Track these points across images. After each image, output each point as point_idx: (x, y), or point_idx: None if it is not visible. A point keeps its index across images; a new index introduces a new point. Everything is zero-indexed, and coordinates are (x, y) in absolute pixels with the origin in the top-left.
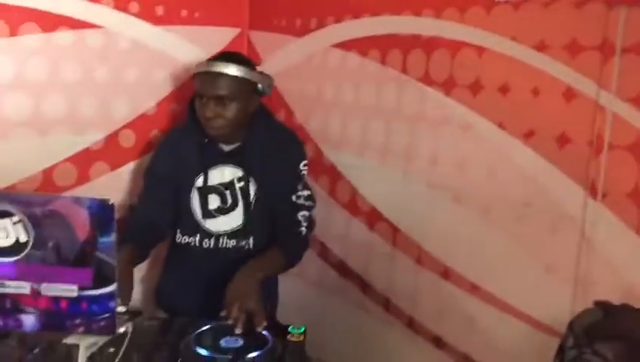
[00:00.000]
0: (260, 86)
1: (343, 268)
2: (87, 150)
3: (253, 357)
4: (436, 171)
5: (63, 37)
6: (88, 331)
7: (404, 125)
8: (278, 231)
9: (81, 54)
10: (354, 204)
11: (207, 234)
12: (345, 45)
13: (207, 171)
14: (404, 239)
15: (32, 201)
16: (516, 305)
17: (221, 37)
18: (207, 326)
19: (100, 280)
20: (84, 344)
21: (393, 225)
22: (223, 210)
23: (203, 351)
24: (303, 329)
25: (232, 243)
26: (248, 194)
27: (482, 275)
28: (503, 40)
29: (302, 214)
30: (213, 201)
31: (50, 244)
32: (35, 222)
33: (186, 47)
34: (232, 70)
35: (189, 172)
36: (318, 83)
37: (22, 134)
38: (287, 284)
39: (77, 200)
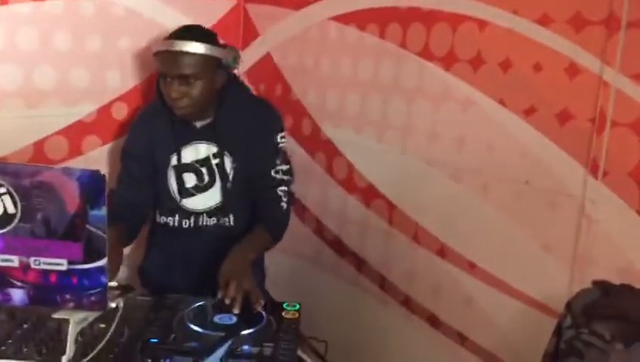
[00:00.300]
0: (224, 61)
1: (338, 245)
2: (79, 122)
3: (247, 334)
4: (434, 148)
5: (55, 5)
6: (79, 306)
7: (403, 101)
8: (259, 208)
9: (73, 23)
10: (350, 181)
11: (186, 213)
12: (343, 18)
13: (180, 149)
14: (401, 216)
15: (20, 172)
16: (513, 283)
17: (217, 9)
18: (199, 304)
19: (91, 254)
20: (75, 319)
21: (390, 202)
22: (200, 188)
23: (196, 328)
24: (297, 307)
25: (212, 221)
26: (225, 171)
27: (479, 253)
28: (504, 13)
29: (281, 189)
30: (190, 179)
31: (39, 217)
32: (23, 194)
33: (180, 18)
34: (195, 47)
35: (163, 151)
36: (316, 57)
37: (12, 106)
38: (282, 261)
39: (66, 171)
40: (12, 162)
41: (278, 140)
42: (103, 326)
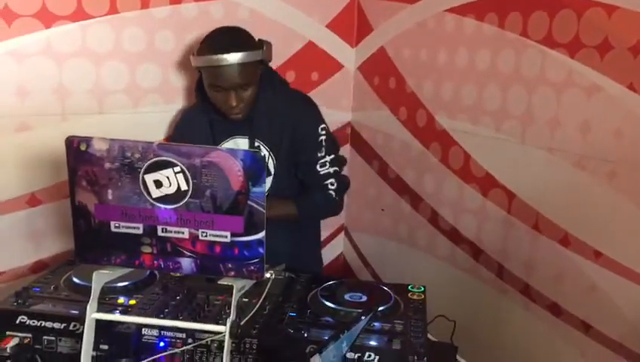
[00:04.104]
0: (265, 58)
1: (454, 235)
2: None
3: (379, 311)
4: (557, 136)
5: (189, 9)
6: (239, 275)
7: (523, 89)
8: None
9: (205, 24)
10: (467, 171)
11: None
12: (460, 10)
13: (220, 145)
14: (521, 205)
15: (192, 153)
16: None
17: (333, 6)
18: (331, 282)
19: (251, 228)
20: (237, 286)
21: (509, 191)
22: None
23: (330, 304)
24: (423, 289)
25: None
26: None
27: (605, 241)
28: None
29: (330, 181)
30: None
31: (207, 193)
32: (194, 173)
33: (299, 16)
34: (243, 58)
35: None
36: (432, 49)
37: (120, 103)
38: (397, 250)
39: (231, 152)
40: (184, 144)
41: (319, 132)
42: (245, 300)
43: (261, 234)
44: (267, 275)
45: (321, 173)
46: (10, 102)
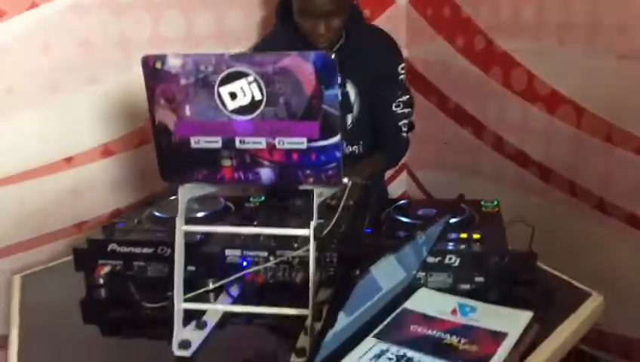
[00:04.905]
0: None
1: (521, 159)
2: None
3: (455, 222)
4: (626, 41)
5: None
6: (317, 181)
7: None
8: (379, 138)
9: None
10: (531, 90)
11: None
12: None
13: None
14: (591, 118)
15: (264, 61)
16: None
17: None
18: (402, 201)
19: (326, 132)
20: (317, 190)
21: (577, 106)
22: None
23: (405, 219)
24: (496, 202)
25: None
26: (349, 100)
27: None
28: None
29: (403, 123)
30: None
31: (281, 100)
32: (267, 81)
33: None
34: None
35: None
36: None
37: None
38: (462, 182)
39: (302, 55)
40: (254, 53)
41: (400, 71)
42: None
43: (337, 138)
44: (345, 180)
45: (397, 113)
46: (77, 55)
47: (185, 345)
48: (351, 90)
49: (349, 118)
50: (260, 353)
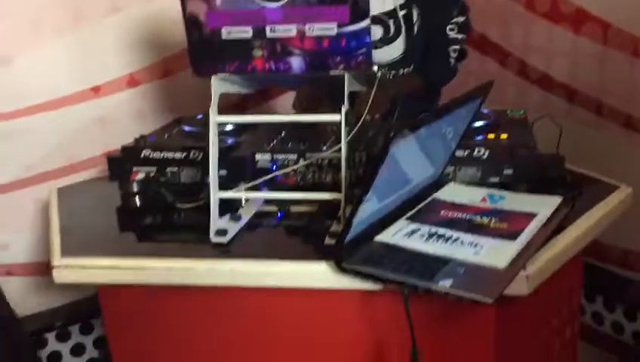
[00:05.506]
0: None
1: (546, 82)
2: None
3: (480, 126)
4: None
5: None
6: (348, 68)
7: None
8: (425, 60)
9: None
10: (556, 10)
11: None
12: None
13: None
14: (617, 34)
15: None
16: None
17: None
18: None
19: (356, 16)
20: (348, 77)
21: (603, 22)
22: (386, 40)
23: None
24: (523, 111)
25: (391, 73)
26: (411, 21)
27: None
28: None
29: (453, 48)
30: (376, 32)
31: None
32: None
33: None
34: None
35: None
36: None
37: None
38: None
39: None
40: None
41: None
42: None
43: (366, 22)
44: (374, 68)
45: (450, 37)
46: None
47: (221, 232)
48: (415, 12)
49: (405, 40)
50: (294, 242)
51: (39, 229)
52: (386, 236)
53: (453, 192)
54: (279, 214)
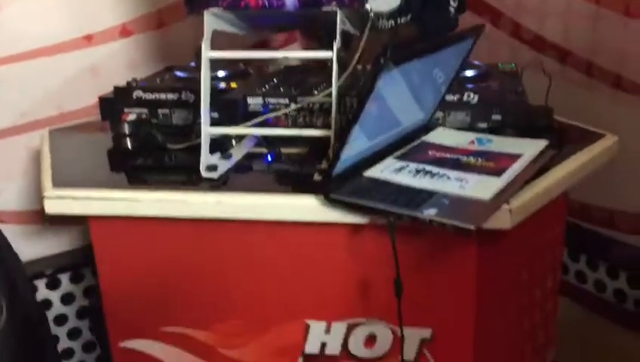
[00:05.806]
0: None
1: (538, 43)
2: None
3: (471, 76)
4: None
5: None
6: (340, 4)
7: None
8: (422, 9)
9: None
10: None
11: None
12: None
13: None
14: None
15: None
16: None
17: None
18: None
19: None
20: (340, 15)
21: None
22: None
23: None
24: (514, 65)
25: (390, 23)
26: None
27: None
28: None
29: None
30: None
31: None
32: None
33: None
34: None
35: None
36: None
37: None
38: None
39: None
40: None
41: None
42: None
43: None
44: (367, 6)
45: None
46: None
47: (212, 168)
48: None
49: None
50: (284, 180)
51: (31, 177)
52: (374, 171)
53: (442, 135)
54: (270, 156)
